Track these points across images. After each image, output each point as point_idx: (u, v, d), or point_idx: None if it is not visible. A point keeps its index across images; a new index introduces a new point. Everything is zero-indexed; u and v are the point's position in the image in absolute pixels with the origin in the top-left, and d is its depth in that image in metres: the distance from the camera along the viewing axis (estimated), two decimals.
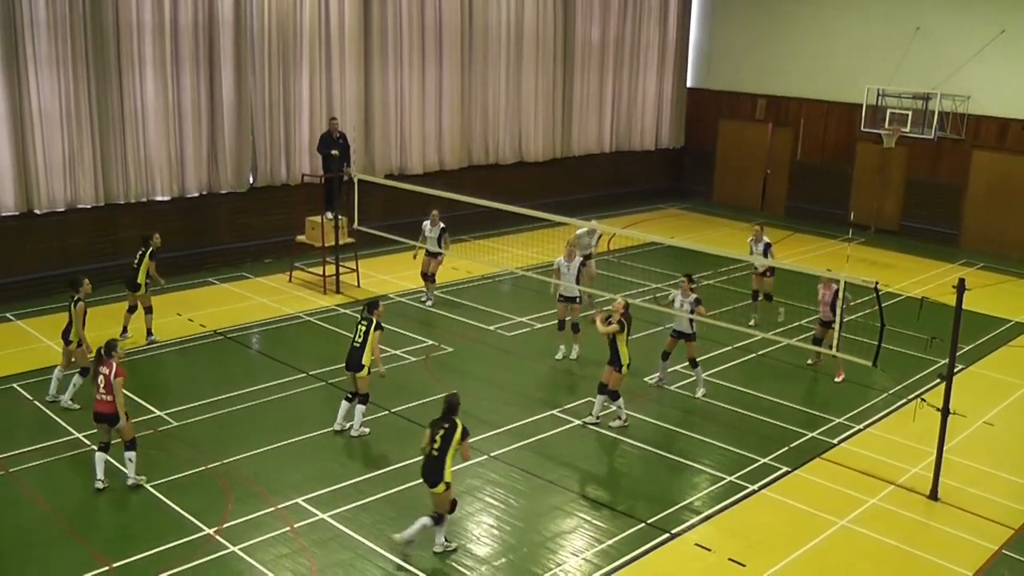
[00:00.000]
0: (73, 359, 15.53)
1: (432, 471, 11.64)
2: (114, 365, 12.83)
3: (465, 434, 11.75)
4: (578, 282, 18.40)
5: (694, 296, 16.58)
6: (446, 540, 11.94)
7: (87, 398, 14.11)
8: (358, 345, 14.62)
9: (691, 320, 16.60)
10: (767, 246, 20.22)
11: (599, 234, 21.99)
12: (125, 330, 18.51)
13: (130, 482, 13.00)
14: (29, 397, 15.82)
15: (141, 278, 18.24)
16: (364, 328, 14.63)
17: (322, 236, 22.04)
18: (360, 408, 14.73)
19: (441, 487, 11.63)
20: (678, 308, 16.71)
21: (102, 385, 12.80)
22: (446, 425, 11.71)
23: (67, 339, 15.48)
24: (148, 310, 18.57)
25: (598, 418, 15.60)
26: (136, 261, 18.27)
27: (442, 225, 21.16)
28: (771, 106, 33.56)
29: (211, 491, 13.03)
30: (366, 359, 14.48)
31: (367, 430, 14.83)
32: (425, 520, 11.70)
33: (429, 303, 21.31)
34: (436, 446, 11.62)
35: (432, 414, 15.42)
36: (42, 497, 12.74)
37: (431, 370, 17.64)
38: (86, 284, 15.90)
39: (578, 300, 18.45)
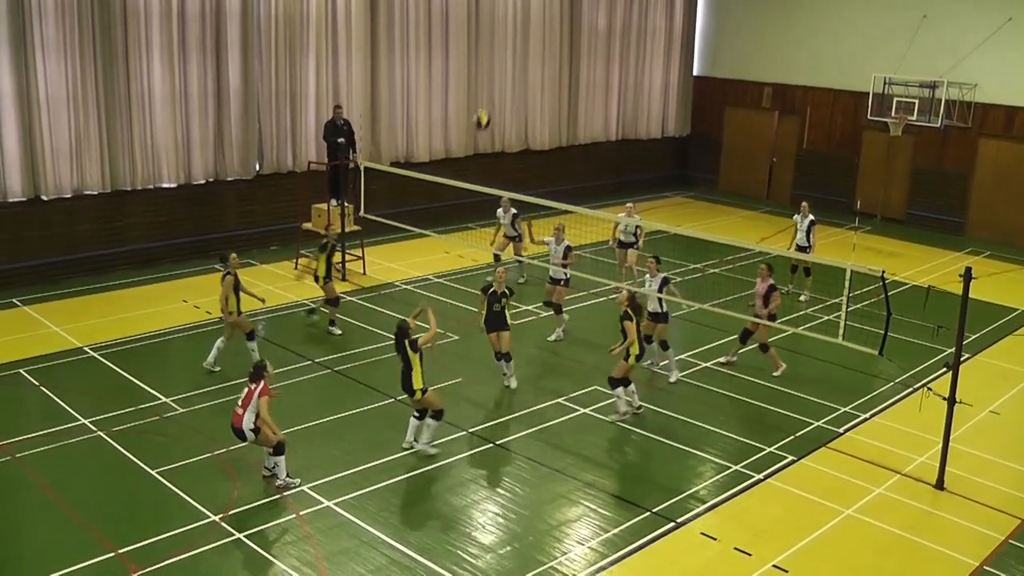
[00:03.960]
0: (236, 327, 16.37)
1: (405, 382, 13.55)
2: (263, 384, 12.59)
3: (414, 344, 13.46)
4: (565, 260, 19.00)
5: (661, 276, 16.78)
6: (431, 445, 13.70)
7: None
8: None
9: (660, 301, 16.74)
10: (812, 223, 21.42)
11: (638, 225, 21.68)
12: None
13: (278, 483, 12.81)
14: (35, 382, 15.84)
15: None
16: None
17: (328, 223, 22.03)
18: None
19: (418, 394, 13.49)
20: (647, 290, 16.89)
21: (242, 398, 12.67)
22: (399, 347, 13.46)
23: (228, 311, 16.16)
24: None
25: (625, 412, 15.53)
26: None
27: (514, 211, 21.75)
28: (777, 94, 33.47)
29: (217, 478, 13.06)
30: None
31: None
32: (413, 420, 13.83)
33: (522, 280, 22.10)
34: (402, 365, 13.46)
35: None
36: (48, 483, 12.77)
37: (437, 358, 17.61)
38: (234, 258, 16.49)
39: (563, 282, 18.82)
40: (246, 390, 12.68)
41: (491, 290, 16.27)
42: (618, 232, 21.86)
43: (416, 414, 13.93)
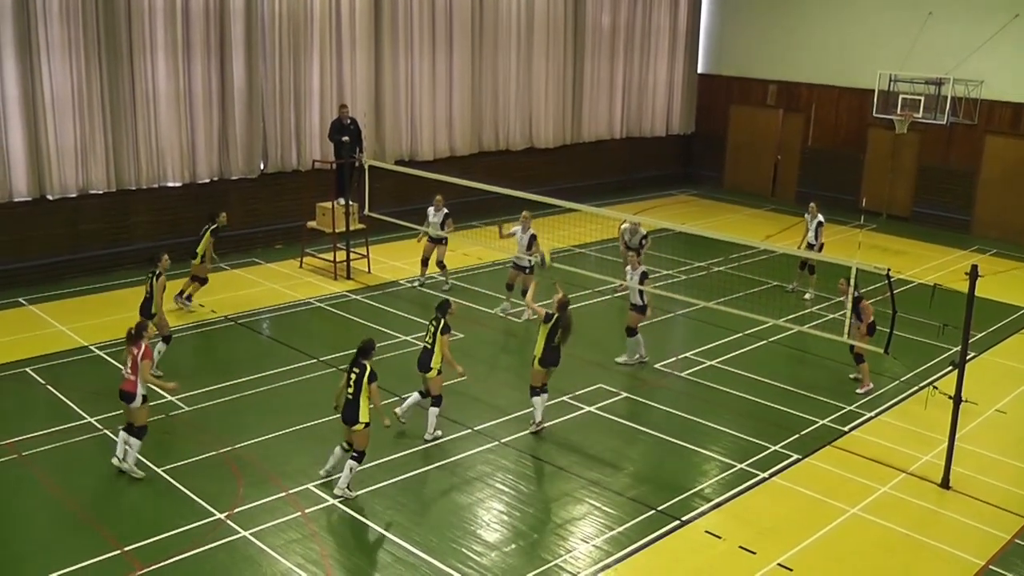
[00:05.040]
0: (155, 331, 15.72)
1: (349, 411, 12.54)
2: (143, 346, 12.95)
3: (372, 377, 12.48)
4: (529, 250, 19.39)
5: (641, 270, 17.30)
6: (349, 487, 12.64)
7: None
8: (429, 347, 14.31)
9: (640, 292, 17.15)
10: (819, 223, 21.45)
11: (644, 233, 21.46)
12: (189, 297, 19.40)
13: (124, 466, 12.89)
14: (41, 381, 15.87)
15: (200, 250, 18.95)
16: (434, 329, 14.29)
17: (332, 222, 22.05)
18: (434, 410, 14.26)
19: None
20: (629, 282, 17.33)
21: (128, 364, 12.89)
22: (356, 370, 12.52)
23: (147, 313, 15.77)
24: (201, 281, 19.32)
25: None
26: (200, 235, 18.98)
27: (446, 210, 21.14)
28: (782, 92, 33.44)
29: (222, 476, 13.07)
30: (435, 362, 13.96)
31: (439, 432, 14.38)
32: (344, 457, 12.79)
33: (447, 287, 21.37)
34: (350, 390, 12.50)
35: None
36: (54, 481, 12.80)
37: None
38: (165, 259, 16.36)
39: (527, 270, 19.32)
40: (130, 357, 12.89)
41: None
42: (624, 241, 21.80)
43: (345, 445, 12.95)
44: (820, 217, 21.57)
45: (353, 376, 12.50)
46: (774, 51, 33.36)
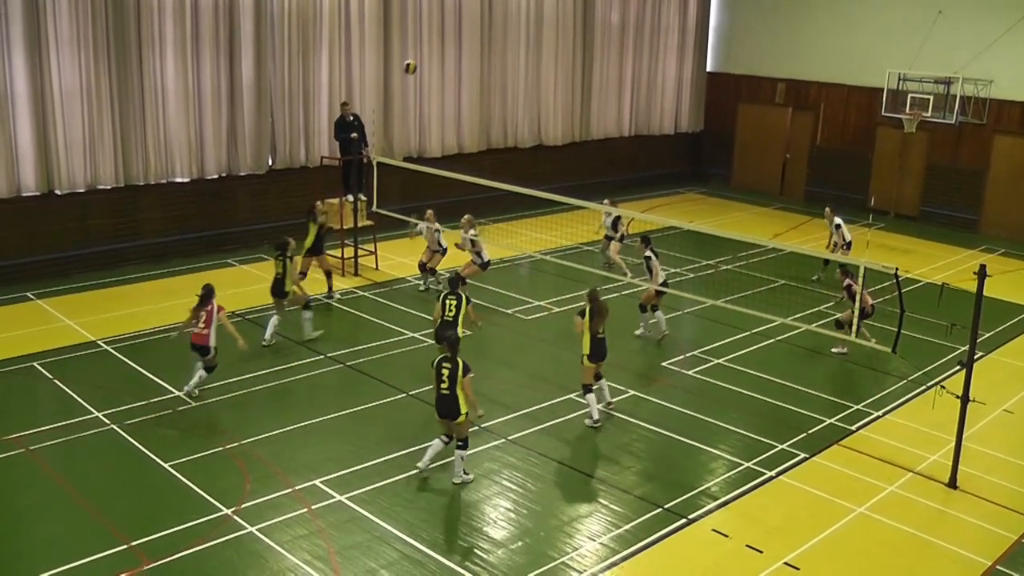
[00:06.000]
0: (288, 304, 17.80)
1: (447, 406, 12.74)
2: (214, 303, 15.08)
3: (466, 370, 12.68)
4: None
5: (647, 254, 18.52)
6: (465, 472, 13.03)
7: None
8: (451, 319, 15.29)
9: (649, 268, 18.47)
10: (838, 226, 22.26)
11: (617, 215, 22.16)
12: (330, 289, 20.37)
13: (185, 390, 15.14)
14: (49, 376, 15.90)
15: (308, 242, 19.77)
16: (455, 303, 15.39)
17: (340, 219, 22.06)
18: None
19: (462, 417, 12.78)
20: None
21: (202, 320, 14.95)
22: (448, 365, 12.68)
23: (279, 292, 17.53)
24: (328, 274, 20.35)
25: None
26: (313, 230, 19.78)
27: (438, 226, 20.88)
28: (791, 90, 33.38)
29: (229, 471, 13.09)
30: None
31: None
32: (444, 450, 13.02)
33: (423, 289, 21.27)
34: (444, 385, 12.67)
35: None
36: (61, 476, 12.82)
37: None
38: (292, 243, 18.03)
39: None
40: (204, 313, 15.04)
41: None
42: (603, 228, 22.73)
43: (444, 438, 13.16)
44: (837, 219, 22.23)
45: (446, 371, 12.68)
46: (783, 49, 33.31)
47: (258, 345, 17.13)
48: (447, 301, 15.45)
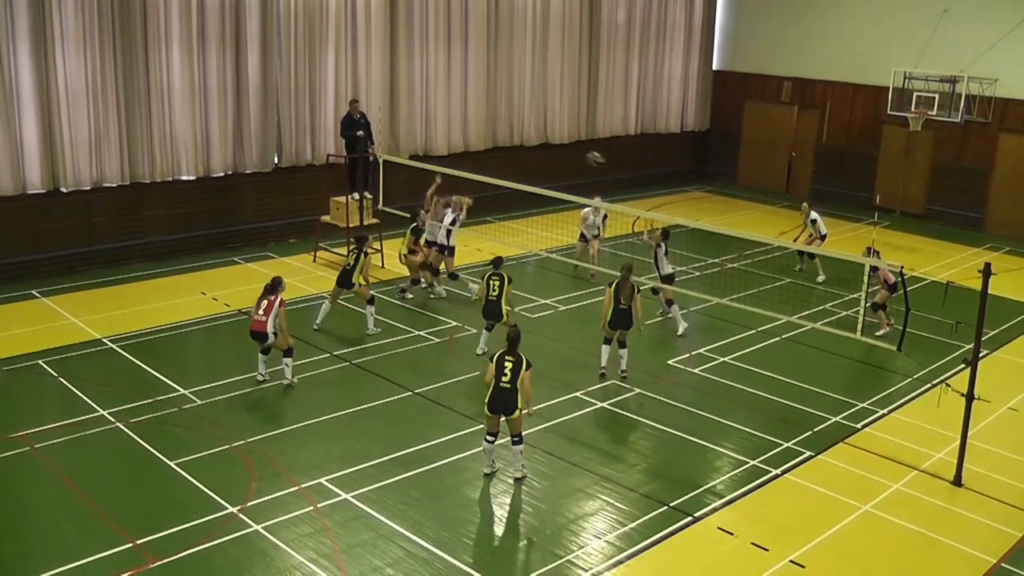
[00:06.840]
0: (356, 293, 18.45)
1: (506, 400, 12.74)
2: (279, 295, 15.39)
3: (527, 365, 12.83)
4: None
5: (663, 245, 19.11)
6: (523, 466, 13.19)
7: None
8: (495, 298, 16.70)
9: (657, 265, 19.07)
10: (813, 220, 22.93)
11: (604, 214, 22.47)
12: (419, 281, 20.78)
13: (285, 382, 15.65)
14: (54, 373, 15.92)
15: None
16: (497, 283, 16.73)
17: (346, 216, 22.07)
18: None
19: (517, 412, 12.78)
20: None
21: (263, 308, 15.26)
22: (511, 358, 12.79)
23: (345, 283, 18.09)
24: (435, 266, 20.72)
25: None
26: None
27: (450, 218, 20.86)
28: (797, 88, 33.35)
29: (235, 470, 13.10)
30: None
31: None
32: (488, 445, 13.08)
33: (432, 296, 21.18)
34: (506, 379, 12.72)
35: (455, 394, 15.59)
36: (66, 474, 12.83)
37: (455, 351, 17.67)
38: (369, 238, 18.92)
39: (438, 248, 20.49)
40: (266, 301, 15.28)
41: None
42: (583, 226, 22.70)
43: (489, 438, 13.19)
44: (814, 214, 22.92)
45: (508, 365, 12.75)
46: (789, 48, 33.27)
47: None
48: (491, 281, 16.74)
